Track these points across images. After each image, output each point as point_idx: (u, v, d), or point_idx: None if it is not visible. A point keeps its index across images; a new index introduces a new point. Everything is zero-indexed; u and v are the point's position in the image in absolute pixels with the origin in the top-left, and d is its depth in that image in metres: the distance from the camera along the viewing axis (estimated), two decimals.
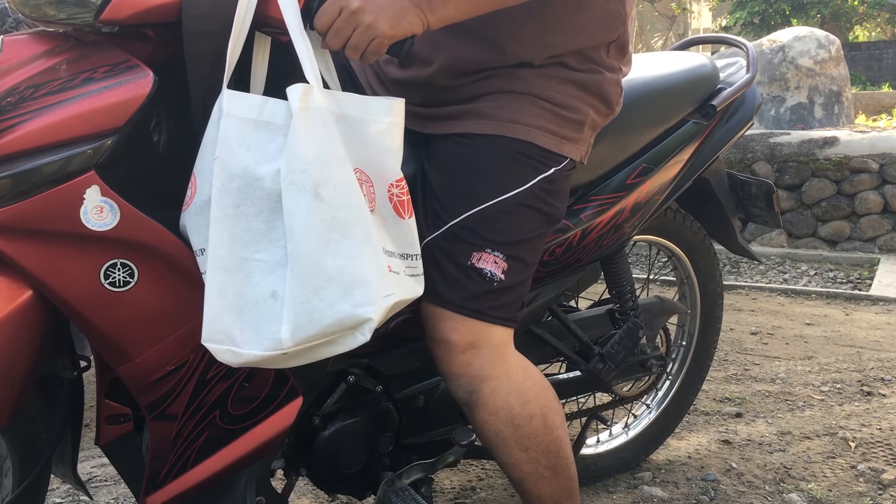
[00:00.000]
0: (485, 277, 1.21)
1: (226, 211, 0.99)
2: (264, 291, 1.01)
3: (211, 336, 1.01)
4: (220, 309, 1.00)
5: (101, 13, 0.96)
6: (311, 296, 1.00)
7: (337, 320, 1.01)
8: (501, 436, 1.27)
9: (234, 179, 0.99)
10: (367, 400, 1.33)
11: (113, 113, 0.96)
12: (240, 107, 1.01)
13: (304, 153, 0.99)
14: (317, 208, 0.99)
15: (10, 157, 0.93)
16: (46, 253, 0.96)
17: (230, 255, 1.00)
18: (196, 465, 1.16)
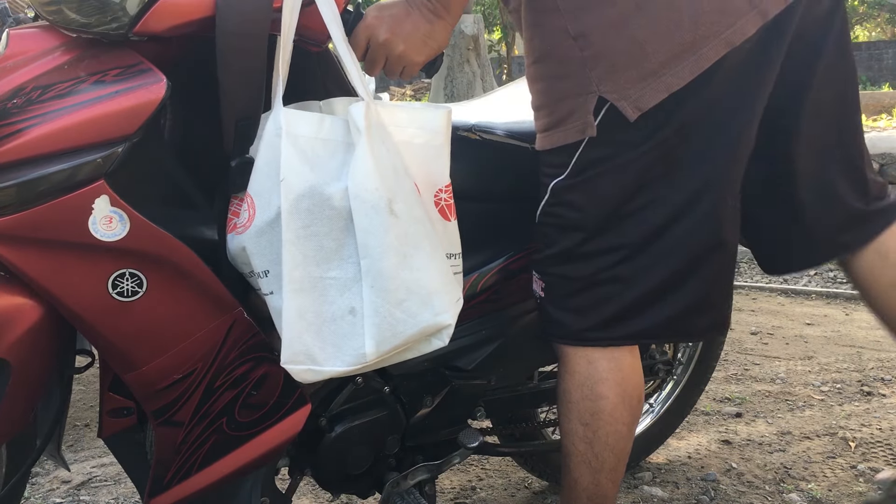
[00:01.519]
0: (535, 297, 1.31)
1: (297, 232, 0.99)
2: (342, 308, 1.04)
3: (291, 358, 1.02)
4: (299, 330, 1.01)
5: (136, 24, 0.93)
6: (394, 309, 1.03)
7: (420, 330, 1.05)
8: (567, 397, 1.28)
9: (303, 200, 1.00)
10: (374, 401, 1.33)
11: (124, 119, 0.93)
12: (300, 125, 1.01)
13: (375, 171, 1.01)
14: (392, 224, 1.02)
15: (16, 164, 0.90)
16: (53, 262, 0.93)
17: (304, 276, 1.01)
18: (201, 469, 1.15)
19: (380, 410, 1.32)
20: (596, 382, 1.25)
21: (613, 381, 1.25)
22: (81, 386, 2.52)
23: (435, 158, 1.12)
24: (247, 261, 1.04)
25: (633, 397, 1.28)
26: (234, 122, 1.00)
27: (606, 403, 1.25)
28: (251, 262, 1.03)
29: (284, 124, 1.00)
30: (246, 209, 1.02)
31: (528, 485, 1.92)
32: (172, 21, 0.95)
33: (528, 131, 1.35)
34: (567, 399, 1.28)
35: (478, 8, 11.31)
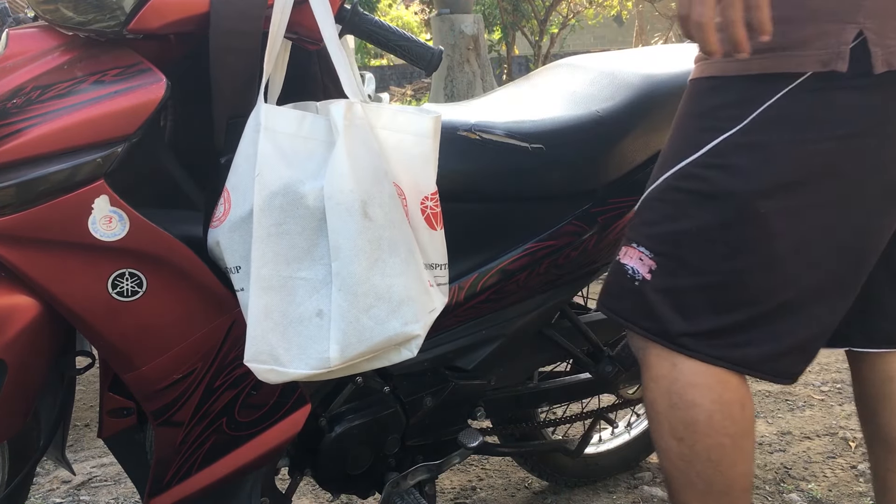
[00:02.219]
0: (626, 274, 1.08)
1: (268, 230, 0.98)
2: (309, 310, 1.01)
3: (254, 356, 0.99)
4: (264, 329, 0.99)
5: (129, 22, 0.93)
6: (361, 315, 1.00)
7: (387, 338, 1.02)
8: (654, 408, 1.09)
9: (276, 197, 0.98)
10: (374, 401, 1.33)
11: (124, 119, 0.93)
12: (279, 122, 0.99)
13: (351, 172, 0.99)
14: (365, 227, 0.99)
15: (16, 164, 0.90)
16: (52, 262, 0.93)
17: (273, 275, 0.99)
18: (201, 469, 1.15)
19: (380, 410, 1.32)
20: (685, 388, 1.05)
21: (706, 386, 1.04)
22: (81, 386, 2.52)
23: (421, 165, 1.09)
24: (220, 256, 1.02)
25: (734, 403, 1.05)
26: (225, 119, 1.00)
27: (700, 412, 1.04)
28: (224, 258, 1.02)
29: (263, 120, 0.98)
30: (222, 203, 1.01)
31: (528, 485, 1.92)
32: (167, 18, 0.95)
33: (527, 131, 1.35)
34: (654, 410, 1.09)
35: (478, 8, 11.32)
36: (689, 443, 1.06)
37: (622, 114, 1.42)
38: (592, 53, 1.83)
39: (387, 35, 1.11)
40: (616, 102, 1.43)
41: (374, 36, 1.11)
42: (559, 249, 1.40)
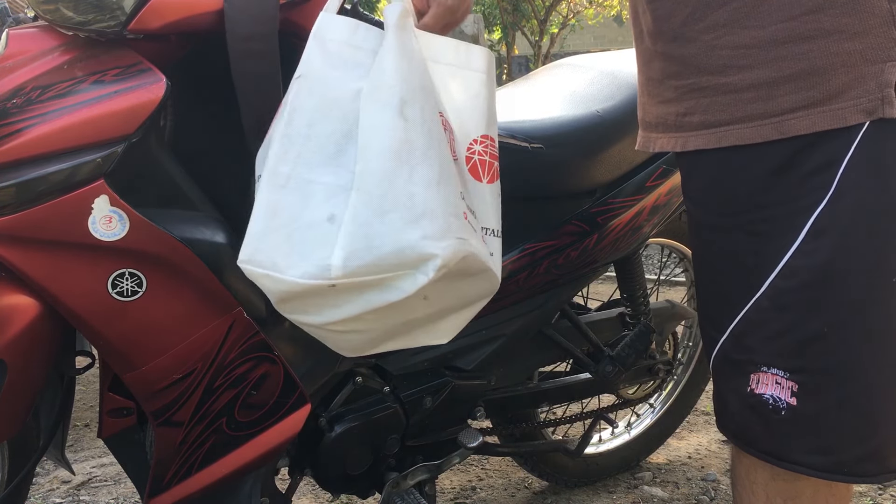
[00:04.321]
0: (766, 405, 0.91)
1: (298, 129, 0.92)
2: (321, 215, 0.90)
3: (250, 257, 0.91)
4: (266, 228, 0.90)
5: (129, 22, 0.93)
6: (375, 219, 0.88)
7: (398, 249, 0.88)
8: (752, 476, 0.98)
9: (312, 97, 0.92)
10: (374, 401, 1.33)
11: (124, 119, 0.93)
12: (331, 29, 0.95)
13: (395, 68, 0.91)
14: (398, 126, 0.89)
15: (15, 164, 0.90)
16: (52, 262, 0.93)
17: (292, 175, 0.91)
18: (201, 469, 1.15)
19: (380, 410, 1.32)
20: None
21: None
22: (81, 386, 2.52)
23: (472, 102, 0.99)
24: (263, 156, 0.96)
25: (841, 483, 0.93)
26: (255, 125, 1.00)
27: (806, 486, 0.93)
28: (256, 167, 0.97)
29: (315, 28, 0.95)
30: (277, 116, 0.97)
31: (528, 485, 1.92)
32: (167, 18, 0.95)
33: (527, 131, 1.35)
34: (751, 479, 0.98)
35: (478, 8, 11.32)
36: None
37: (622, 114, 1.42)
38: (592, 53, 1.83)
39: None
40: (616, 102, 1.44)
41: None
42: (559, 249, 1.40)
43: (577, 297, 1.68)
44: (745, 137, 0.88)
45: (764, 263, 0.90)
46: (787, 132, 0.86)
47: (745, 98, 0.87)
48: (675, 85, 0.94)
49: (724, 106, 0.89)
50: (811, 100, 0.85)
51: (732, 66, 0.88)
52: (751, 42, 0.87)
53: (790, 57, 0.85)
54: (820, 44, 0.85)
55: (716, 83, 0.89)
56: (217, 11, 0.97)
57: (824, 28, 0.84)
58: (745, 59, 0.87)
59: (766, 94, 0.87)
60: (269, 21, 0.97)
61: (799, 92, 0.85)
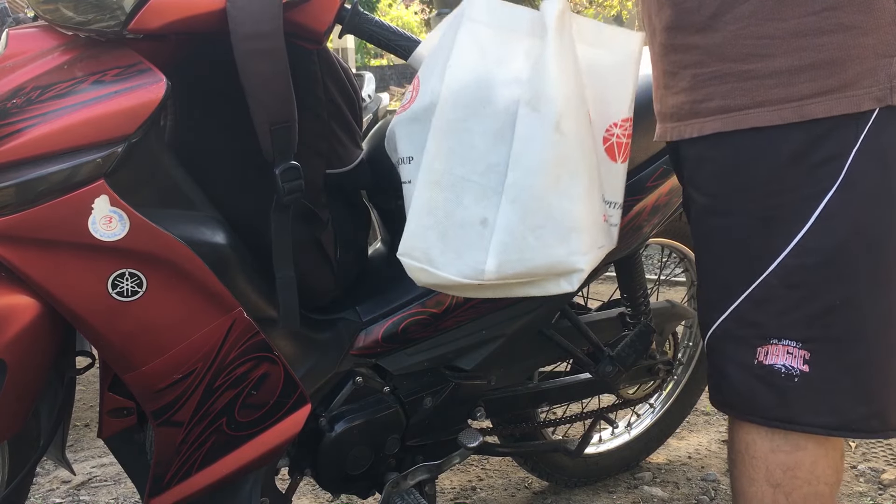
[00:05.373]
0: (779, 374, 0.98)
1: (451, 123, 0.93)
2: (474, 216, 0.96)
3: (409, 251, 0.97)
4: (424, 225, 0.96)
5: (129, 22, 0.93)
6: (528, 232, 0.95)
7: (548, 264, 0.96)
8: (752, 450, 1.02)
9: (466, 91, 0.93)
10: (374, 401, 1.33)
11: (124, 119, 0.93)
12: (483, 13, 0.95)
13: (556, 79, 0.93)
14: (555, 142, 0.93)
15: (15, 165, 0.90)
16: (52, 262, 0.93)
17: (445, 171, 0.94)
18: (201, 469, 1.15)
19: (380, 410, 1.32)
20: None
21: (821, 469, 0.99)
22: (81, 386, 2.52)
23: (617, 85, 1.01)
24: (394, 146, 0.99)
25: (838, 448, 1.01)
26: (268, 128, 0.99)
27: (806, 456, 0.98)
28: (397, 147, 0.98)
29: (467, 10, 0.94)
30: (410, 91, 0.97)
31: (528, 485, 1.92)
32: (166, 18, 0.95)
33: None
34: (751, 454, 1.02)
35: None
36: (785, 490, 0.99)
37: None
38: None
39: (387, 35, 1.11)
40: None
41: (375, 36, 1.11)
42: None
43: (577, 297, 1.68)
44: (765, 120, 0.94)
45: (773, 245, 0.96)
46: (806, 115, 0.93)
47: (767, 84, 0.94)
48: (692, 74, 0.99)
49: (746, 91, 0.95)
50: (828, 87, 0.92)
51: (755, 54, 0.94)
52: (773, 33, 0.93)
53: (810, 48, 0.93)
54: (837, 37, 0.92)
55: (738, 70, 0.95)
56: (217, 11, 0.97)
57: (842, 23, 0.92)
58: (768, 49, 0.94)
59: (786, 81, 0.93)
60: (272, 20, 0.97)
61: (817, 80, 0.93)
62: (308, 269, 1.20)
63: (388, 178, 1.37)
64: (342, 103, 1.24)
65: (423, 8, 15.89)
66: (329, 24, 1.05)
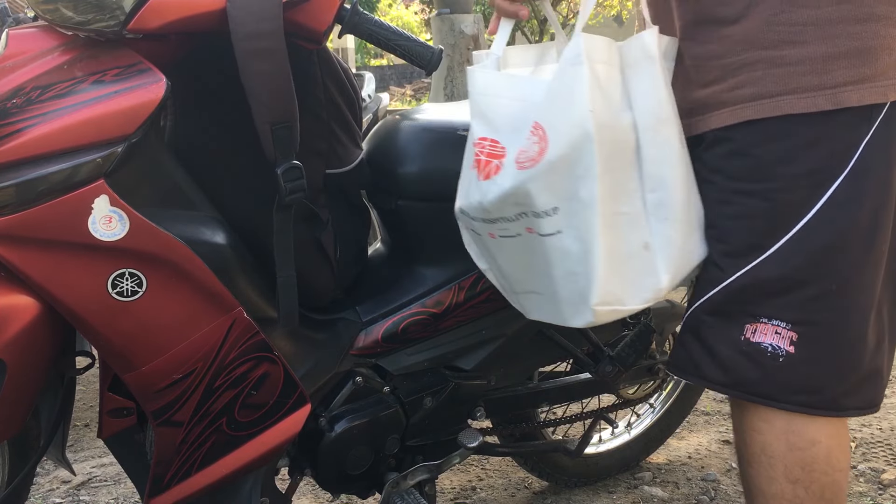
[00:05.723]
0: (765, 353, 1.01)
1: (603, 165, 0.97)
2: (636, 244, 1.01)
3: (604, 299, 1.00)
4: (609, 271, 0.99)
5: (129, 22, 0.93)
6: (685, 240, 1.03)
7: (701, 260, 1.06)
8: (769, 451, 1.04)
9: (605, 130, 0.97)
10: (374, 401, 1.33)
11: (124, 119, 0.93)
12: (597, 52, 0.98)
13: (669, 99, 1.01)
14: (683, 155, 1.01)
15: (15, 164, 0.90)
16: (52, 262, 0.93)
17: (610, 212, 0.99)
18: (201, 469, 1.15)
19: (380, 410, 1.32)
20: (803, 427, 1.02)
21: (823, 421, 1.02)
22: (81, 386, 2.51)
23: None
24: (523, 200, 1.00)
25: (845, 435, 1.05)
26: (269, 127, 1.00)
27: (820, 450, 1.02)
28: (533, 201, 0.99)
29: (585, 50, 0.96)
30: (535, 143, 0.98)
31: (528, 485, 1.92)
32: (166, 18, 0.95)
33: None
34: (768, 454, 1.04)
35: (478, 8, 11.32)
36: (804, 484, 1.03)
37: None
38: None
39: (387, 35, 1.11)
40: None
41: (374, 36, 1.11)
42: None
43: None
44: (799, 107, 0.95)
45: (775, 227, 0.99)
46: (841, 103, 0.94)
47: (799, 70, 0.95)
48: (720, 64, 1.00)
49: (778, 78, 0.96)
50: (862, 75, 0.94)
51: (787, 41, 0.95)
52: (806, 20, 0.94)
53: (844, 35, 0.94)
54: (871, 27, 0.94)
55: (769, 56, 0.96)
56: (216, 11, 0.97)
57: (874, 13, 0.94)
58: (800, 36, 0.95)
59: (820, 68, 0.94)
60: (273, 19, 0.97)
61: (852, 68, 0.94)
62: (308, 270, 1.20)
63: (388, 178, 1.37)
64: (342, 103, 1.24)
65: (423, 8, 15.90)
66: (329, 24, 1.05)
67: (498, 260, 1.15)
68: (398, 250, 1.46)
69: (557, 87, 0.99)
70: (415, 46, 1.11)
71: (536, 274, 1.08)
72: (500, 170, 1.02)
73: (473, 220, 1.12)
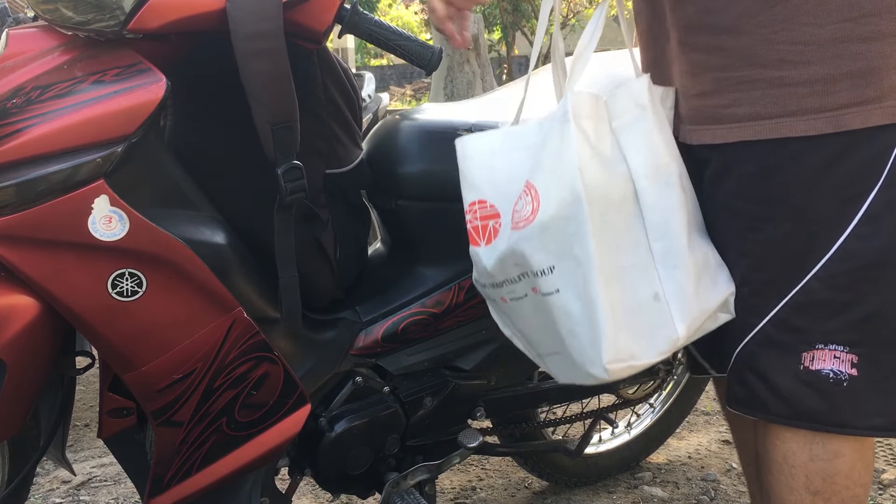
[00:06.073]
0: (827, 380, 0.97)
1: (595, 221, 0.95)
2: (645, 296, 0.99)
3: (616, 357, 0.96)
4: (615, 327, 0.96)
5: (129, 22, 0.93)
6: (695, 286, 0.99)
7: (717, 303, 1.01)
8: (791, 460, 1.02)
9: (597, 187, 0.95)
10: (374, 401, 1.33)
11: (124, 119, 0.93)
12: (583, 107, 0.97)
13: (665, 146, 0.99)
14: (684, 200, 1.00)
15: (15, 164, 0.90)
16: (52, 262, 0.93)
17: (611, 267, 0.96)
18: (201, 469, 1.15)
19: (380, 410, 1.32)
20: (829, 437, 0.99)
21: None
22: (81, 386, 2.52)
23: None
24: (521, 260, 0.98)
25: (870, 448, 1.03)
26: (269, 127, 0.99)
27: (844, 462, 1.00)
28: (529, 262, 0.97)
29: (571, 107, 0.95)
30: (529, 202, 0.96)
31: (528, 485, 1.92)
32: (166, 18, 0.95)
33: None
34: (790, 463, 1.02)
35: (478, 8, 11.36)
36: (825, 496, 1.01)
37: None
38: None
39: (387, 35, 1.11)
40: None
41: (374, 36, 1.11)
42: None
43: None
44: (799, 130, 0.93)
45: (814, 248, 0.95)
46: (842, 126, 0.92)
47: (800, 93, 0.92)
48: (716, 77, 0.97)
49: (777, 99, 0.94)
50: (866, 97, 0.91)
51: (789, 60, 0.92)
52: (809, 39, 0.91)
53: (848, 55, 0.90)
54: (876, 46, 0.90)
55: (769, 76, 0.93)
56: (216, 11, 0.97)
57: (881, 31, 0.90)
58: (802, 55, 0.91)
59: (822, 90, 0.91)
60: (273, 19, 0.97)
61: (856, 89, 0.91)
62: (308, 270, 1.20)
63: (388, 178, 1.37)
64: (342, 103, 1.24)
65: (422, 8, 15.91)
66: (329, 24, 1.05)
67: (517, 324, 1.12)
68: (398, 250, 1.46)
69: (546, 145, 0.97)
70: (415, 46, 1.11)
71: (550, 334, 1.04)
72: (497, 232, 1.01)
73: (485, 287, 1.11)
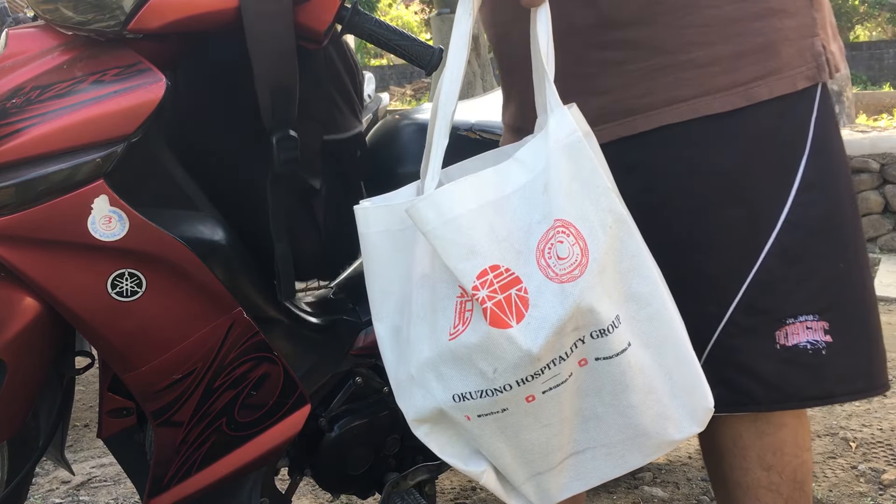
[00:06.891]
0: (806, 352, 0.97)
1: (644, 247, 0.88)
2: None
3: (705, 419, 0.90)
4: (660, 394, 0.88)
5: (129, 22, 0.93)
6: None
7: None
8: (740, 442, 1.03)
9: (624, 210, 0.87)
10: (374, 401, 1.33)
11: (123, 119, 0.93)
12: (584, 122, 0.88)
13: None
14: None
15: (15, 164, 0.90)
16: (51, 262, 0.93)
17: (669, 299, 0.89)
18: (201, 470, 1.15)
19: (380, 410, 1.32)
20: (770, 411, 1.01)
21: None
22: (81, 386, 2.52)
23: None
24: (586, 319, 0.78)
25: (806, 414, 1.05)
26: (269, 93, 0.99)
27: (788, 432, 1.02)
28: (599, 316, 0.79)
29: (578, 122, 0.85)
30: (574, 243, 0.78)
31: None
32: (166, 18, 0.95)
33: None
34: (739, 445, 1.03)
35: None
36: (778, 469, 1.02)
37: None
38: None
39: (387, 35, 1.11)
40: None
41: (374, 36, 1.11)
42: None
43: None
44: (715, 107, 0.95)
45: (761, 226, 0.96)
46: (753, 98, 0.95)
47: (710, 72, 0.95)
48: (622, 71, 0.97)
49: (689, 81, 0.95)
50: (769, 69, 0.96)
51: (695, 42, 0.95)
52: (710, 21, 0.95)
53: (747, 33, 0.95)
54: (770, 21, 0.96)
55: (678, 61, 0.95)
56: (216, 11, 0.97)
57: (772, 7, 0.96)
58: (707, 37, 0.95)
59: (728, 67, 0.95)
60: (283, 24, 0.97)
61: (759, 63, 0.96)
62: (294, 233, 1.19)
63: (388, 178, 1.37)
64: (342, 70, 1.24)
65: (423, 8, 15.90)
66: (329, 24, 1.05)
67: (521, 435, 0.87)
68: None
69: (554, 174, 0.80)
70: (415, 46, 1.11)
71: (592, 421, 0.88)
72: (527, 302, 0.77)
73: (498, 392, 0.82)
